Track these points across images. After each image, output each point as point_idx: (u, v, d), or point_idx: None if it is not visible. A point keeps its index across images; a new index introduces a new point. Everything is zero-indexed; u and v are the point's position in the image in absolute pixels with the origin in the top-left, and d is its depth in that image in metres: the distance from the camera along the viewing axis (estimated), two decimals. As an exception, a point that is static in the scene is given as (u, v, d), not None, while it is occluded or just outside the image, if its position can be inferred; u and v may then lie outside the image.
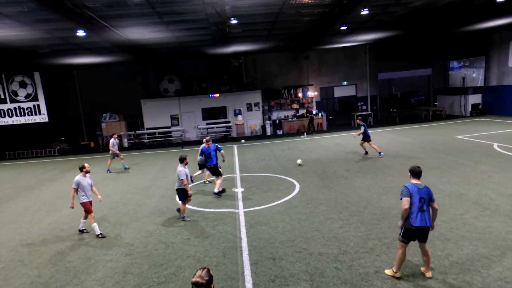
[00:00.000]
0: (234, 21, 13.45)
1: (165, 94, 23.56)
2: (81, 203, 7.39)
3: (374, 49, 25.15)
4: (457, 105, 24.66)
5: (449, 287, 4.65)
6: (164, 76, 23.43)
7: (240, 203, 9.05)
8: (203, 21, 13.70)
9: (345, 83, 25.78)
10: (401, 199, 4.91)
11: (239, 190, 10.32)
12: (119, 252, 6.70)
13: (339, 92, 26.08)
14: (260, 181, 11.17)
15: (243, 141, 20.73)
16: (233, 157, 15.96)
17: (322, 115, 24.05)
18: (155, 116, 22.87)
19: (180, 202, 8.27)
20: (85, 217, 7.65)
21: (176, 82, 23.48)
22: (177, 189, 8.19)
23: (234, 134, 23.57)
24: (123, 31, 14.04)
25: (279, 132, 23.40)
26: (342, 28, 16.39)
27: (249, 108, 23.78)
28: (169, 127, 23.37)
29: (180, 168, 8.10)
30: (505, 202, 7.46)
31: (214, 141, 11.39)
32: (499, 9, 15.24)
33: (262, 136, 23.20)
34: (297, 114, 24.70)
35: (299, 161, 13.16)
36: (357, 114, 24.50)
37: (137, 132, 22.66)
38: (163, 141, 22.89)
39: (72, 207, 7.55)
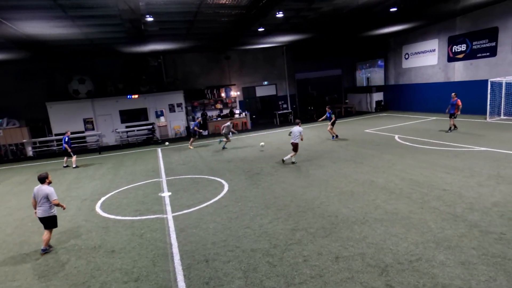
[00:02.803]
0: (149, 19, 12.88)
1: (76, 96, 21.45)
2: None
3: (290, 50, 26.57)
4: (364, 102, 27.50)
5: (367, 266, 5.17)
6: (73, 76, 21.29)
7: (168, 208, 8.73)
8: (115, 18, 12.79)
9: (265, 82, 26.72)
10: None
11: (165, 194, 9.94)
12: (30, 276, 5.91)
13: (260, 92, 26.93)
14: (188, 183, 10.93)
15: (167, 143, 20.02)
16: (158, 160, 15.31)
17: (246, 115, 24.54)
18: (65, 121, 20.61)
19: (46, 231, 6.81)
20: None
21: (88, 82, 21.52)
22: (44, 218, 6.68)
23: (157, 136, 22.60)
24: (18, 25, 12.36)
25: (205, 133, 23.19)
26: (260, 29, 16.95)
27: (172, 109, 23.07)
28: (82, 132, 21.36)
29: (46, 187, 6.69)
30: (406, 186, 8.57)
31: (135, 145, 10.75)
32: (392, 17, 17.45)
33: (187, 137, 22.70)
34: (221, 114, 24.78)
35: (262, 143, 15.06)
36: (279, 112, 25.61)
37: (42, 139, 20.19)
38: (76, 148, 20.81)
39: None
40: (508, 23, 16.78)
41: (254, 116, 26.18)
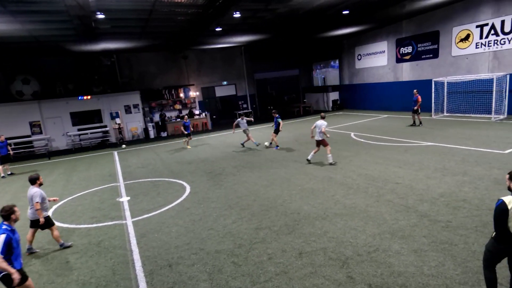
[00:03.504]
0: (100, 16, 12.29)
1: (19, 98, 19.90)
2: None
3: (249, 50, 26.73)
4: (321, 101, 28.41)
5: (329, 259, 5.36)
6: (16, 76, 19.71)
7: (127, 213, 8.39)
8: (62, 14, 11.98)
9: (225, 82, 26.65)
10: None
11: (124, 199, 9.55)
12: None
13: (220, 92, 26.80)
14: (148, 187, 10.58)
15: (124, 146, 19.24)
16: (114, 164, 14.66)
17: (206, 115, 24.28)
18: (7, 124, 18.99)
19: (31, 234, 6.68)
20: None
21: (33, 83, 20.06)
22: (34, 220, 6.55)
23: (113, 139, 21.62)
24: None
25: (164, 134, 22.60)
26: (217, 29, 16.86)
27: (128, 110, 22.22)
28: (29, 136, 19.84)
29: (35, 189, 6.50)
30: (363, 181, 8.99)
31: (87, 148, 10.21)
32: (345, 20, 18.21)
33: (145, 139, 21.98)
34: (181, 115, 24.30)
35: (266, 143, 14.96)
36: (239, 112, 25.65)
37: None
38: (22, 153, 19.30)
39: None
40: (448, 27, 18.21)
41: (214, 117, 26.00)
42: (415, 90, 16.39)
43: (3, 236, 4.24)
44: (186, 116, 17.47)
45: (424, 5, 17.12)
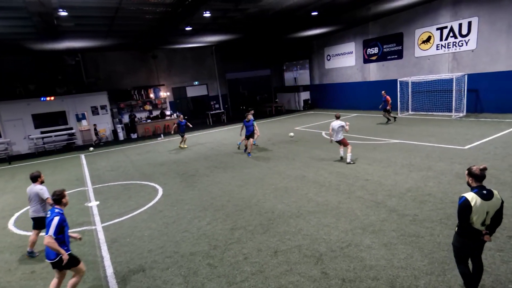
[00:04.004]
0: (63, 13, 11.75)
1: (-25, 99, 18.61)
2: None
3: (220, 50, 26.58)
4: (293, 101, 28.78)
5: (304, 256, 5.45)
6: (-30, 76, 18.45)
7: (97, 218, 8.10)
8: (20, 10, 11.33)
9: (196, 82, 26.35)
10: None
11: (93, 204, 9.20)
12: None
13: (191, 92, 26.48)
14: (118, 190, 10.26)
15: (91, 148, 18.52)
16: (82, 168, 14.09)
17: (177, 115, 23.87)
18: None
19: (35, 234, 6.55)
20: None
21: (-9, 83, 18.84)
22: (36, 218, 6.45)
23: (79, 142, 20.77)
24: None
25: (134, 136, 22.01)
26: (187, 28, 16.64)
27: (95, 111, 21.41)
28: (-15, 140, 18.63)
29: (39, 186, 6.42)
30: (334, 178, 9.21)
31: (52, 152, 9.78)
32: (313, 21, 18.57)
33: (114, 141, 21.29)
34: (151, 116, 23.77)
35: (291, 134, 14.80)
36: (211, 113, 25.47)
37: None
38: (-22, 159, 18.08)
39: None
40: (411, 29, 19.05)
41: (186, 117, 25.59)
42: (383, 92, 16.85)
43: (56, 219, 4.53)
44: (182, 116, 16.67)
45: (388, 8, 17.79)
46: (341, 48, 24.19)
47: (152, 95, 24.05)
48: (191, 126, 17.38)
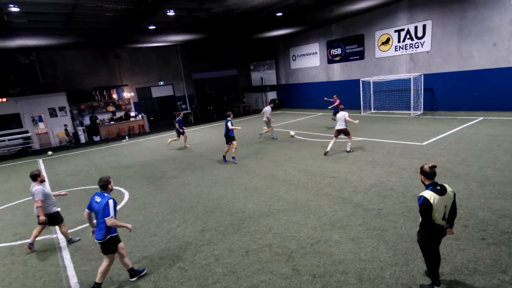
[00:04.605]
0: (14, 9, 11.06)
1: None
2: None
3: (185, 50, 26.17)
4: (260, 101, 28.96)
5: (275, 255, 5.51)
6: None
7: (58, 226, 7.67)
8: (-33, 5, 10.58)
9: (161, 83, 25.76)
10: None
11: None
12: None
13: (157, 92, 25.84)
14: (80, 196, 9.81)
15: (50, 153, 17.55)
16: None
17: (142, 117, 23.23)
18: None
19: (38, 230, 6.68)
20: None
21: None
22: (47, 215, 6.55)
23: (36, 146, 19.57)
24: None
25: (96, 138, 21.11)
26: (151, 27, 16.25)
27: (53, 113, 20.30)
28: None
29: (36, 186, 6.41)
30: (303, 176, 9.40)
31: (5, 157, 9.17)
32: (278, 21, 18.82)
33: (75, 144, 20.29)
34: (115, 117, 22.91)
35: (292, 132, 14.44)
36: (177, 113, 25.02)
37: None
38: None
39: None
40: (371, 31, 19.85)
41: (152, 118, 24.98)
42: (335, 96, 16.55)
43: (111, 201, 4.91)
44: (182, 113, 16.15)
45: (349, 10, 18.41)
46: (306, 49, 24.70)
47: (115, 96, 23.19)
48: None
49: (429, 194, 3.91)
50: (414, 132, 13.36)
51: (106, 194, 5.01)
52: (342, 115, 11.34)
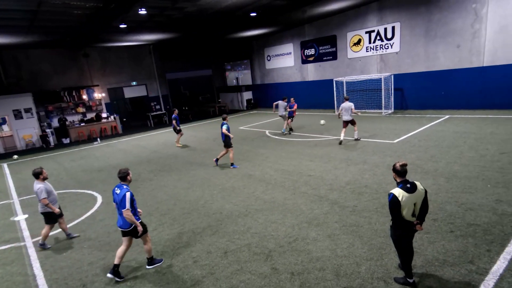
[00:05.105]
0: None
1: None
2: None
3: (158, 49, 25.68)
4: (236, 100, 28.91)
5: (254, 254, 5.53)
6: None
7: (26, 233, 7.34)
8: None
9: (134, 83, 25.14)
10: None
11: (20, 218, 8.32)
12: None
13: (129, 93, 25.17)
14: (50, 201, 9.39)
15: (15, 157, 16.69)
16: (4, 178, 12.63)
17: (115, 118, 22.57)
18: None
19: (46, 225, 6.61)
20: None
21: None
22: (42, 213, 6.57)
23: (0, 149, 18.57)
24: None
25: (66, 141, 20.29)
26: (122, 26, 15.81)
27: (18, 115, 19.31)
28: None
29: (39, 185, 6.33)
30: (279, 176, 9.48)
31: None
32: (252, 22, 18.86)
33: (43, 148, 19.41)
34: (85, 119, 22.12)
35: (322, 121, 14.27)
36: (152, 114, 24.54)
37: None
38: None
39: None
40: (343, 32, 20.30)
41: (124, 119, 24.31)
42: (292, 99, 15.82)
43: (128, 194, 5.07)
44: (176, 110, 15.45)
45: (322, 12, 18.75)
46: (280, 49, 24.90)
47: (85, 97, 22.37)
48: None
49: (398, 192, 4.06)
50: (385, 130, 13.80)
51: (125, 186, 5.20)
52: (348, 106, 12.07)
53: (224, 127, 10.64)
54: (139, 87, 25.45)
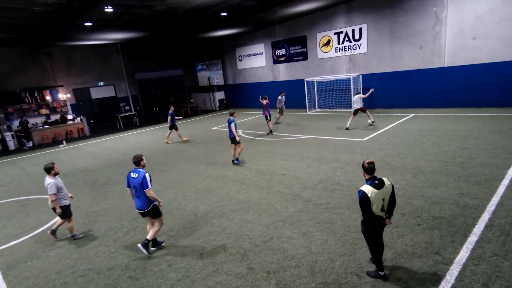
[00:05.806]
0: None
1: None
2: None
3: (126, 48, 24.97)
4: (208, 101, 28.67)
5: (229, 255, 5.51)
6: None
7: (-15, 244, 6.88)
8: None
9: (101, 83, 24.30)
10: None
11: (-21, 227, 7.79)
12: None
13: (97, 93, 24.30)
14: (12, 208, 8.89)
15: (-29, 162, 15.59)
16: (-41, 186, 11.78)
17: (81, 119, 21.69)
18: None
19: (61, 220, 6.70)
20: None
21: None
22: (54, 209, 6.50)
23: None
24: None
25: (29, 144, 19.25)
26: (87, 24, 15.25)
27: (-26, 118, 18.07)
28: None
29: (50, 180, 6.33)
30: (254, 175, 9.51)
31: None
32: (223, 21, 18.79)
33: (2, 152, 18.30)
34: (50, 121, 21.10)
35: (370, 121, 14.55)
36: (121, 115, 23.81)
37: None
38: None
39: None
40: (313, 32, 20.69)
41: (92, 121, 23.42)
42: (264, 96, 15.71)
43: (147, 174, 5.60)
44: (172, 107, 15.75)
45: (291, 12, 19.00)
46: (252, 49, 24.96)
47: (48, 98, 21.33)
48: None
49: (367, 189, 4.21)
50: (355, 129, 14.21)
51: (141, 170, 5.61)
52: (358, 97, 13.98)
53: (232, 125, 10.40)
54: (106, 87, 24.62)
